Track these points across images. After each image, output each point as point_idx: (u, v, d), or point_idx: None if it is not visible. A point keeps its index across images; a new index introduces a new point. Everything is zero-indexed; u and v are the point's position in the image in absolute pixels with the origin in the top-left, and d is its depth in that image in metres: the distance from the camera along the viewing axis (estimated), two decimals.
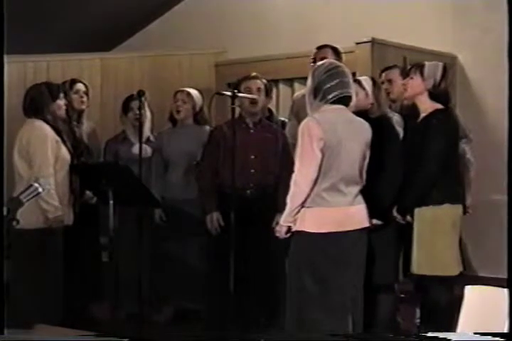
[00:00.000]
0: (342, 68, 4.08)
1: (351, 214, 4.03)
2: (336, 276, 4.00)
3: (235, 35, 7.43)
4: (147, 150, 5.39)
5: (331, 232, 3.96)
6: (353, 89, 4.09)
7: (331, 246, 3.97)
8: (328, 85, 3.99)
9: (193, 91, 5.49)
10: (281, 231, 4.08)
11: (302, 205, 3.97)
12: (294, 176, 3.98)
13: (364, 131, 4.09)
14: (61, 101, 4.83)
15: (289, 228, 4.04)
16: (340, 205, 4.00)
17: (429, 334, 2.81)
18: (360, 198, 4.08)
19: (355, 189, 4.05)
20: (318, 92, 4.01)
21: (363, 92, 4.47)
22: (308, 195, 3.95)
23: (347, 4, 6.92)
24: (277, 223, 4.22)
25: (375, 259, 4.25)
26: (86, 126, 5.49)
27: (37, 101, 4.75)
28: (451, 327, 2.99)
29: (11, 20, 3.31)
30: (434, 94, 4.37)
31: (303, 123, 4.00)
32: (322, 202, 3.97)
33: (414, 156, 4.32)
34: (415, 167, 4.29)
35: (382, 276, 4.35)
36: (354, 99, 4.07)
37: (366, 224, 4.08)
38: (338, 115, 4.02)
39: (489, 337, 2.68)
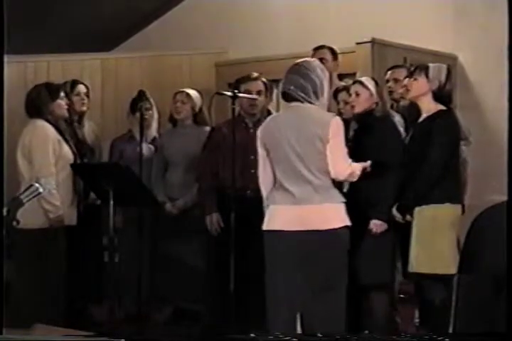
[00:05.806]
0: (302, 65, 4.06)
1: (304, 214, 3.97)
2: (285, 275, 3.99)
3: (235, 35, 7.42)
4: (152, 150, 5.41)
5: (279, 230, 3.98)
6: (300, 86, 3.99)
7: (278, 245, 3.99)
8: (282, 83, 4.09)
9: (192, 92, 5.49)
10: None
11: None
12: None
13: (317, 126, 3.96)
14: (61, 101, 4.84)
15: None
16: (287, 204, 4.00)
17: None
18: (323, 197, 3.97)
19: (308, 187, 3.97)
20: None
21: (366, 92, 4.47)
22: (268, 194, 4.08)
23: (347, 4, 6.91)
24: None
25: (371, 259, 4.25)
26: (87, 128, 5.49)
27: (36, 102, 4.77)
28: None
29: (11, 20, 3.31)
30: (438, 95, 4.38)
31: None
32: (273, 200, 4.06)
33: (416, 155, 4.32)
34: (417, 166, 4.30)
35: (378, 276, 4.35)
36: (302, 94, 3.98)
37: (335, 225, 3.97)
38: (288, 113, 4.07)
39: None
